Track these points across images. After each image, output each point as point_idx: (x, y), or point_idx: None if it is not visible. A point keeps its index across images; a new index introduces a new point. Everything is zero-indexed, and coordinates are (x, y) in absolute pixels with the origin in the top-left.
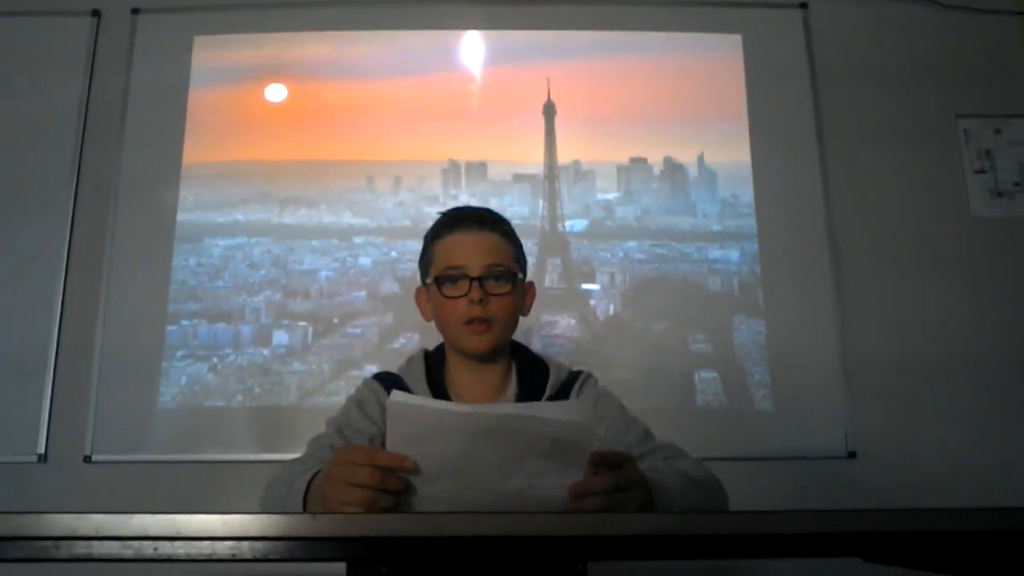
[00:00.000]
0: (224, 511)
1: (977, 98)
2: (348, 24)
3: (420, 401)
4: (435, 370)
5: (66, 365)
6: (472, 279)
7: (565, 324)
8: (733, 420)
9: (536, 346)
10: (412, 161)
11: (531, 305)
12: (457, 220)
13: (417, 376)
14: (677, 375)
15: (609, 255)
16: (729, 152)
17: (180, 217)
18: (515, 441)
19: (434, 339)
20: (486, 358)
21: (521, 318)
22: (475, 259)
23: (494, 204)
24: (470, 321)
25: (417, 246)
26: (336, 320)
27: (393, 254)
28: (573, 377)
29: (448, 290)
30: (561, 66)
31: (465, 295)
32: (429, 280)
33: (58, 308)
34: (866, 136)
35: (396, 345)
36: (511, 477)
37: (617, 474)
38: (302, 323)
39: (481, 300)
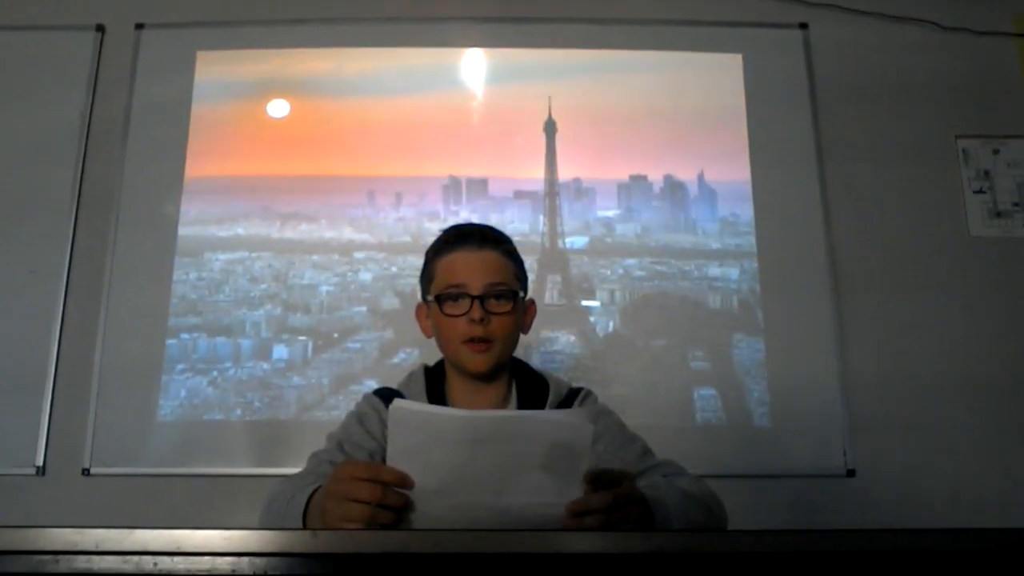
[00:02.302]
0: (223, 525)
1: (976, 119)
2: (350, 41)
3: (421, 407)
4: (435, 386)
5: (65, 377)
6: (473, 297)
7: (565, 341)
8: (732, 438)
9: (536, 362)
10: (413, 177)
11: (531, 323)
12: (459, 237)
13: (417, 392)
14: (676, 392)
15: (609, 272)
16: (729, 170)
17: (181, 231)
18: (514, 448)
19: (434, 355)
20: (486, 376)
21: (521, 335)
22: (476, 277)
23: (494, 220)
24: (470, 340)
25: (418, 262)
26: (336, 335)
27: (393, 269)
28: (573, 394)
29: (449, 308)
30: (562, 84)
31: (466, 313)
32: (430, 297)
33: (58, 321)
34: (866, 156)
35: (396, 360)
36: (510, 493)
37: (616, 491)
38: (302, 337)
39: (482, 319)
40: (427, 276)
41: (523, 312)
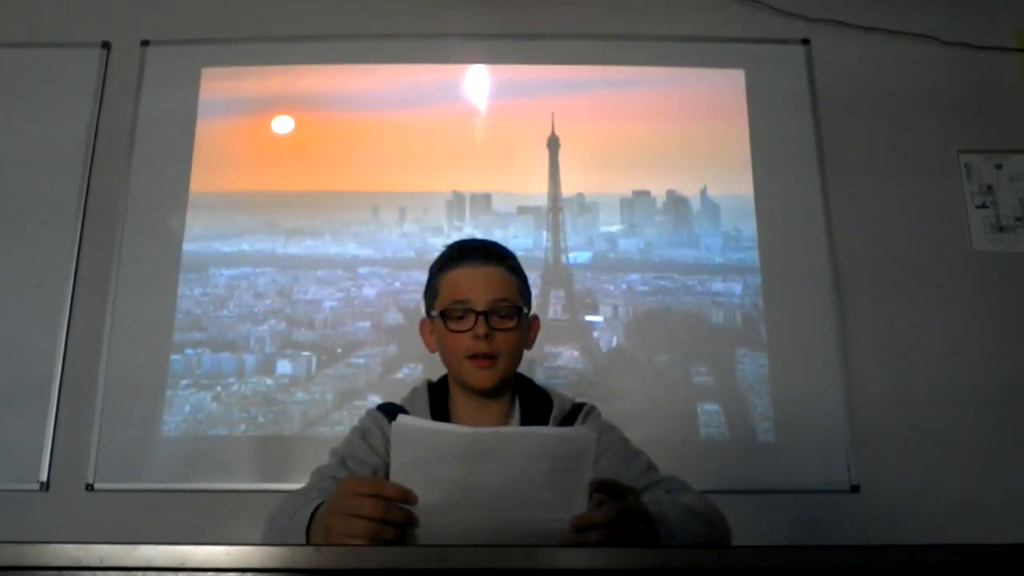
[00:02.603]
0: (226, 541)
1: (978, 133)
2: (355, 58)
3: (424, 423)
4: (439, 402)
5: (70, 392)
6: (477, 313)
7: (568, 356)
8: (736, 453)
9: (539, 378)
10: (417, 192)
11: (535, 339)
12: (463, 253)
13: (421, 407)
14: (680, 407)
15: (612, 287)
16: (732, 185)
17: (186, 246)
18: (517, 464)
19: (437, 370)
20: (490, 392)
21: (525, 351)
22: (481, 293)
23: (498, 236)
24: (475, 356)
25: (421, 277)
26: (340, 350)
27: (397, 285)
28: (576, 409)
29: (453, 324)
30: (565, 100)
31: (470, 330)
32: (434, 313)
33: (63, 335)
34: (868, 170)
35: (399, 376)
36: (513, 508)
37: (620, 506)
38: (306, 353)
39: (486, 335)
40: (431, 292)
41: (527, 328)
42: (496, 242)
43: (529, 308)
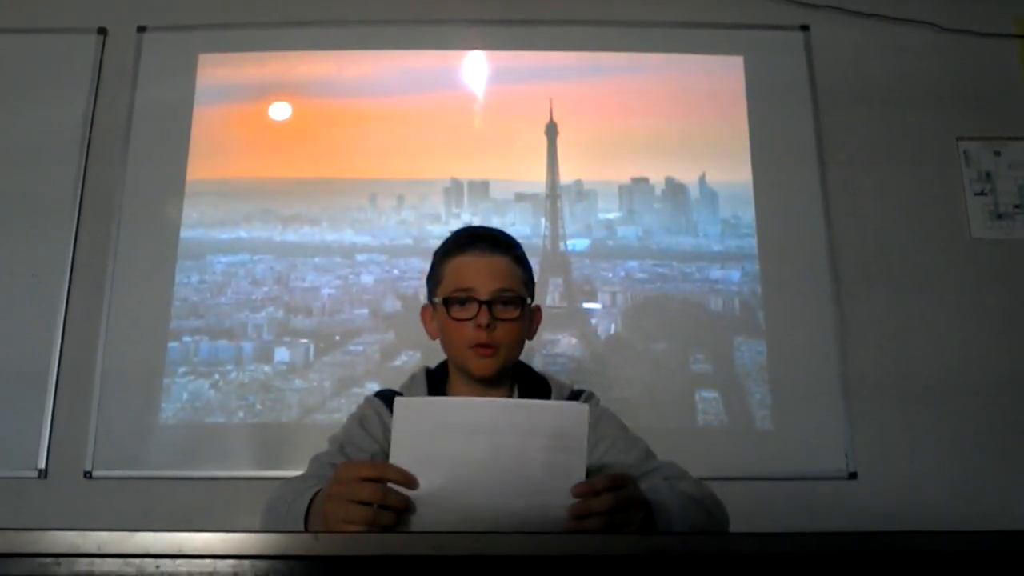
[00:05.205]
0: (224, 528)
1: (977, 121)
2: (352, 44)
3: (424, 398)
4: (437, 388)
5: (67, 380)
6: (481, 303)
7: (566, 343)
8: (734, 440)
9: (537, 365)
10: (415, 180)
11: (537, 329)
12: (469, 241)
13: (419, 394)
14: (678, 395)
15: (610, 274)
16: (730, 172)
17: (183, 234)
18: (514, 438)
19: (435, 357)
20: (490, 380)
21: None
22: (485, 282)
23: (496, 223)
24: (476, 345)
25: (419, 264)
26: (338, 337)
27: (395, 272)
28: (575, 396)
29: (456, 312)
30: (564, 86)
31: (473, 318)
32: (437, 300)
33: (60, 324)
34: (867, 157)
35: (397, 363)
36: (511, 492)
37: (618, 494)
38: (304, 340)
39: (488, 324)
40: (435, 278)
41: (529, 319)
42: (503, 230)
43: (532, 298)
